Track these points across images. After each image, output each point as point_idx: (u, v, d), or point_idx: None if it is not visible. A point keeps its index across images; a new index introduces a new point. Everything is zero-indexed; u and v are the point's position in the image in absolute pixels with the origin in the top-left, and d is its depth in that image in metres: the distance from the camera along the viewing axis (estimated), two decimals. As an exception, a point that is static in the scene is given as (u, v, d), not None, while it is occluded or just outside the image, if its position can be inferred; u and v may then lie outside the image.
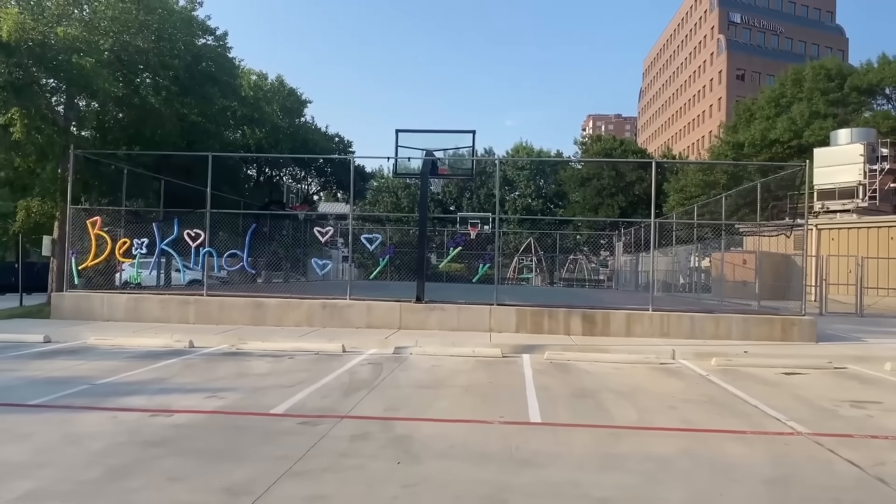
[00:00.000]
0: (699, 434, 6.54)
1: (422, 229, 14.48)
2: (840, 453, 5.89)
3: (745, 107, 50.71)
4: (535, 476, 5.10)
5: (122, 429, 6.19)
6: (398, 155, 15.48)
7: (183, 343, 11.56)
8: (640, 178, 49.40)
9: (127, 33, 15.84)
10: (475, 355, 11.23)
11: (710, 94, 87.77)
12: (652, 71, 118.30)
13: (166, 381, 8.60)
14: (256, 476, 4.92)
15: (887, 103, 45.26)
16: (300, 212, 24.09)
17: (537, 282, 42.61)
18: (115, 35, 15.81)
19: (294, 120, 30.03)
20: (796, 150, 42.29)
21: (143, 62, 16.72)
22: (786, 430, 6.73)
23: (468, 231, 34.75)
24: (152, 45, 16.27)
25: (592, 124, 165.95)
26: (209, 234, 14.47)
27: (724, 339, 13.48)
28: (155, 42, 16.35)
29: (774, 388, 9.15)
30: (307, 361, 10.37)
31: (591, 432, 6.53)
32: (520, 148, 55.36)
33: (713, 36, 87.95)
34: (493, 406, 7.55)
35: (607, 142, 55.41)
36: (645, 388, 8.98)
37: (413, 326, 13.79)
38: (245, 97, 24.08)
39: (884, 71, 43.85)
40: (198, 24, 18.95)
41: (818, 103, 43.28)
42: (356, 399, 7.68)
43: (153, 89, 17.49)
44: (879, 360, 11.57)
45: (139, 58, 16.44)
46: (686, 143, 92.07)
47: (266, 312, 14.11)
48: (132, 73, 16.98)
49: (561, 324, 13.70)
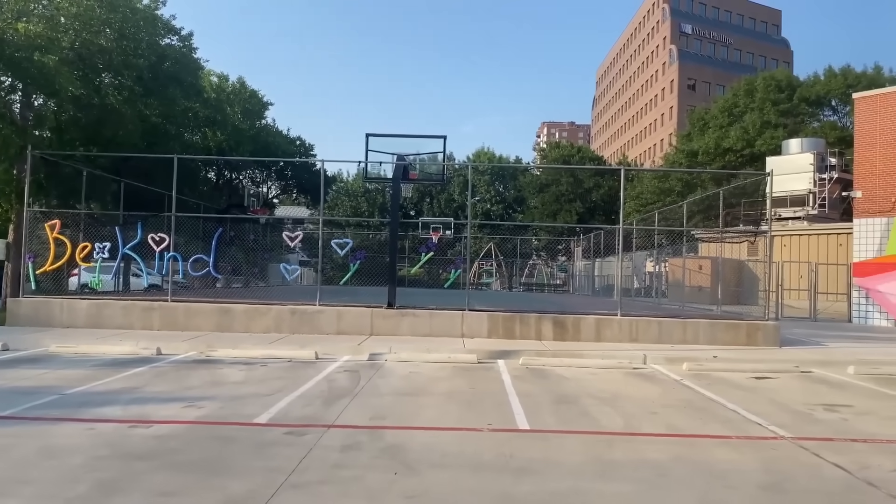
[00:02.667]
0: (687, 439, 6.60)
1: (393, 234, 14.37)
2: (825, 457, 6.00)
3: (699, 116, 51.86)
4: (535, 485, 5.06)
5: (102, 441, 5.94)
6: (368, 159, 15.34)
7: (150, 350, 11.21)
8: (598, 184, 50.10)
9: (89, 31, 15.32)
10: (451, 361, 11.17)
11: (663, 102, 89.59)
12: (605, 79, 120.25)
13: (139, 390, 8.32)
14: (253, 489, 4.76)
15: (833, 114, 46.81)
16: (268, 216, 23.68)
17: (496, 287, 42.78)
18: (76, 32, 15.29)
19: (255, 122, 29.57)
20: (749, 158, 43.43)
21: (105, 61, 16.20)
22: (769, 435, 6.84)
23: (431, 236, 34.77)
24: (115, 44, 15.78)
25: (547, 131, 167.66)
26: (174, 238, 14.10)
27: (692, 344, 13.69)
28: (117, 40, 15.86)
29: (749, 393, 9.31)
30: (281, 369, 10.16)
31: (581, 439, 6.53)
32: (481, 153, 55.61)
33: (665, 46, 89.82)
34: (479, 413, 7.50)
35: (565, 149, 56.05)
36: (624, 393, 9.05)
37: (385, 332, 13.67)
38: (207, 99, 23.59)
39: (830, 83, 45.38)
40: (162, 23, 18.47)
41: (769, 113, 44.53)
42: (339, 408, 7.54)
43: (115, 89, 16.98)
44: (842, 364, 11.90)
45: (101, 56, 15.93)
46: (639, 151, 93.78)
47: (233, 319, 13.80)
48: (93, 72, 16.44)
49: (532, 329, 13.74)
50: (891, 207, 21.61)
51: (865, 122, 22.67)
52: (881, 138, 22.01)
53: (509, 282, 43.85)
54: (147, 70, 17.19)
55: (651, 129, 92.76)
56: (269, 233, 29.16)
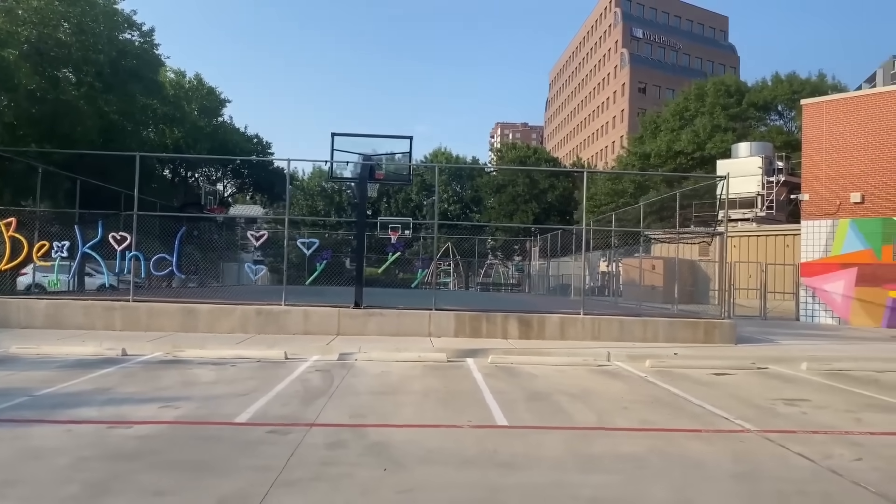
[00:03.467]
0: (660, 433, 6.85)
1: (360, 234, 14.40)
2: (790, 448, 6.31)
3: (651, 119, 53.05)
4: (521, 478, 5.21)
5: (83, 442, 5.88)
6: (334, 159, 15.31)
7: (115, 351, 11.02)
8: (553, 185, 50.82)
9: (47, 25, 14.92)
10: (421, 360, 11.27)
11: (614, 105, 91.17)
12: (558, 81, 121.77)
13: (111, 391, 8.20)
14: (246, 487, 4.80)
15: (780, 119, 48.45)
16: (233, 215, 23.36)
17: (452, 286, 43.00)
18: (33, 26, 14.86)
19: (212, 120, 29.13)
20: (699, 161, 44.63)
21: (63, 56, 15.79)
22: (736, 428, 7.14)
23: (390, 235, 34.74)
24: (74, 38, 15.39)
25: (500, 132, 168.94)
26: (136, 237, 13.86)
27: (652, 342, 14.08)
28: (77, 35, 15.47)
29: (711, 389, 9.66)
30: (252, 369, 10.12)
31: (559, 434, 6.72)
32: (439, 153, 55.79)
33: (617, 50, 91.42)
34: (457, 411, 7.63)
35: (521, 150, 56.69)
36: (594, 389, 9.29)
37: (352, 332, 13.69)
38: (166, 96, 23.18)
39: (776, 89, 46.96)
40: (122, 17, 18.07)
41: (719, 117, 45.83)
42: (317, 407, 7.58)
43: (74, 85, 16.55)
44: (795, 361, 12.40)
45: (59, 51, 15.53)
46: (592, 152, 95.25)
47: (198, 319, 13.64)
48: (52, 66, 16.01)
49: (498, 328, 13.95)
50: (836, 210, 22.51)
51: (812, 127, 23.56)
52: (827, 143, 22.91)
53: (466, 281, 44.13)
54: (107, 66, 16.82)
55: (603, 131, 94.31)
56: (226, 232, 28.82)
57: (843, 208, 22.38)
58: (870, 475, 5.47)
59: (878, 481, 5.30)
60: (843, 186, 22.41)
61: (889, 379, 11.18)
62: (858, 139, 22.18)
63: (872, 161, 21.86)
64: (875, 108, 21.97)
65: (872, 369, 12.07)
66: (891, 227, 21.09)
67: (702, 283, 29.63)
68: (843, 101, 23.34)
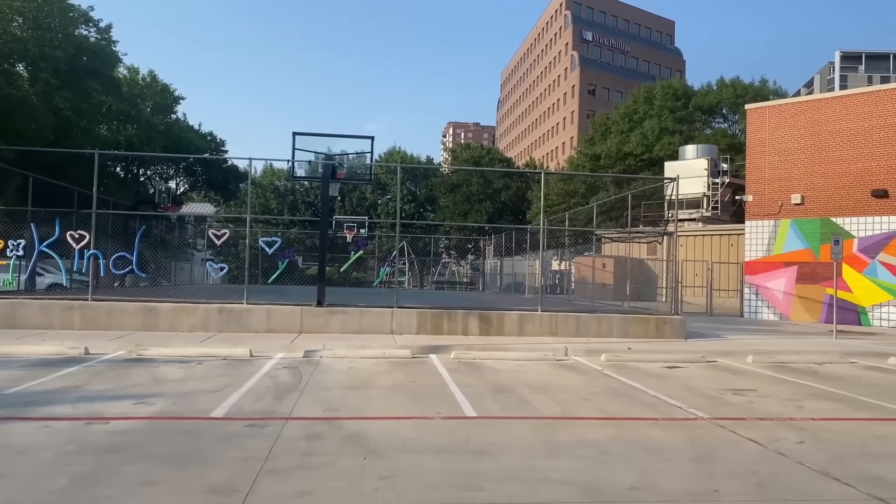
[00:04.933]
0: (620, 422, 7.25)
1: (323, 233, 14.54)
2: (741, 433, 6.77)
3: (602, 121, 54.15)
4: (495, 464, 5.51)
5: (63, 438, 5.95)
6: (295, 158, 15.40)
7: (78, 350, 10.95)
8: (506, 185, 51.45)
9: (2, 19, 14.57)
10: (386, 357, 11.52)
11: (565, 106, 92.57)
12: (510, 82, 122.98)
13: (80, 388, 8.23)
14: (232, 476, 4.98)
15: (724, 122, 50.05)
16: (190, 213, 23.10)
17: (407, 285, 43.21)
18: (-13, 21, 14.53)
19: (166, 117, 28.71)
20: (648, 162, 45.78)
21: (19, 51, 15.43)
22: (690, 416, 7.60)
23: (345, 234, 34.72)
24: (30, 34, 15.07)
25: (452, 131, 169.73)
26: (94, 235, 13.72)
27: (607, 337, 14.60)
28: (33, 30, 15.16)
29: (664, 381, 10.15)
30: (219, 366, 10.21)
31: (525, 424, 7.06)
32: (393, 153, 55.91)
33: (567, 52, 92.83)
34: (426, 403, 7.91)
35: (475, 150, 57.25)
36: (554, 382, 9.69)
37: (314, 330, 13.82)
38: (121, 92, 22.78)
39: (721, 93, 48.52)
40: (79, 13, 17.74)
41: (667, 120, 47.11)
42: (290, 402, 7.76)
43: (29, 80, 16.19)
44: (741, 354, 13.06)
45: (14, 46, 15.17)
46: (543, 152, 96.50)
47: (159, 317, 13.59)
48: (5, 61, 15.62)
49: (459, 325, 14.27)
50: (778, 211, 23.54)
51: (756, 131, 24.56)
52: (770, 147, 23.93)
53: (420, 280, 44.40)
54: (64, 62, 16.49)
55: (554, 131, 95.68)
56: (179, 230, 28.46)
57: (785, 209, 23.41)
58: (812, 456, 5.95)
59: (820, 461, 5.78)
60: (785, 188, 23.45)
61: (827, 370, 11.89)
62: (799, 143, 23.24)
63: (812, 164, 22.93)
64: (814, 114, 23.05)
65: (812, 361, 12.80)
66: (828, 227, 22.16)
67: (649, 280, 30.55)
68: (786, 107, 24.41)
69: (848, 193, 22.11)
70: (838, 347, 14.64)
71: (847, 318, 20.92)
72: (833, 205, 22.41)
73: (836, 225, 22.10)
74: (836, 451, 6.20)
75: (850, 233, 21.75)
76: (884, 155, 21.45)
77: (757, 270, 24.17)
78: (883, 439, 6.85)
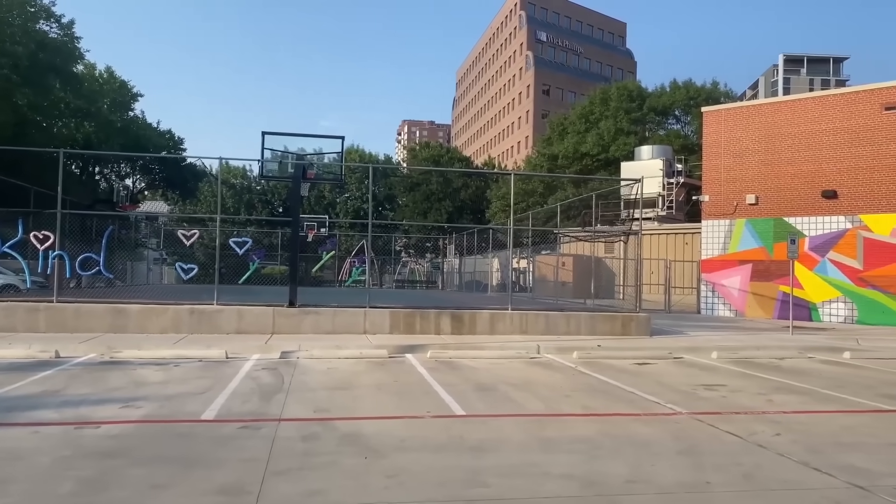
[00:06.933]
0: (604, 418, 7.49)
1: (294, 232, 14.49)
2: (720, 427, 7.07)
3: (559, 121, 54.87)
4: (495, 460, 5.67)
5: (56, 442, 5.89)
6: (264, 157, 15.29)
7: (48, 353, 10.72)
8: (465, 184, 51.73)
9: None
10: (363, 357, 11.57)
11: (520, 106, 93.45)
12: (465, 81, 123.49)
13: (61, 393, 8.10)
14: (241, 477, 5.02)
15: (677, 123, 51.25)
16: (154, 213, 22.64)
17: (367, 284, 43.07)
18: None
19: (124, 114, 28.06)
20: (604, 162, 46.62)
21: (-23, 47, 14.95)
22: (669, 412, 7.88)
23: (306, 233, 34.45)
24: (-13, 30, 14.61)
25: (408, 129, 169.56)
26: (59, 236, 13.42)
27: (575, 335, 14.91)
28: (-9, 25, 14.70)
29: (637, 377, 10.46)
30: (197, 369, 10.13)
31: (514, 421, 7.24)
32: (351, 151, 55.63)
33: (522, 52, 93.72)
34: (413, 402, 8.03)
35: (435, 149, 57.36)
36: (533, 380, 9.91)
37: (287, 331, 13.77)
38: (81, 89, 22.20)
39: (674, 95, 49.68)
40: (41, 8, 17.22)
41: (622, 121, 48.03)
42: (278, 403, 7.78)
43: (-13, 77, 15.69)
44: (706, 350, 13.50)
45: (-28, 42, 14.71)
46: (499, 151, 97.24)
47: (128, 319, 13.36)
48: (-40, 56, 15.12)
49: (432, 324, 14.40)
50: (733, 211, 24.28)
51: (712, 133, 25.28)
52: (725, 148, 24.67)
53: (380, 279, 44.38)
54: (26, 58, 16.01)
55: (509, 130, 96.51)
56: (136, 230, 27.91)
57: (740, 209, 24.17)
58: (790, 448, 6.26)
59: (798, 453, 6.08)
60: (740, 189, 24.21)
61: (789, 365, 12.40)
62: (753, 145, 24.02)
63: (765, 165, 23.73)
64: (768, 117, 23.86)
65: (773, 356, 13.33)
66: (781, 226, 22.98)
67: (607, 278, 31.13)
68: (740, 110, 25.19)
69: (800, 194, 22.96)
70: (796, 343, 15.24)
71: (799, 314, 21.70)
72: (786, 205, 23.24)
73: (788, 224, 22.93)
74: (810, 442, 6.53)
75: (802, 232, 22.59)
76: (833, 157, 22.34)
77: (713, 268, 24.90)
78: (851, 430, 7.23)
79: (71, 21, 18.64)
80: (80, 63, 26.48)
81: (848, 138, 22.07)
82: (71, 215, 17.60)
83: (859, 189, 21.81)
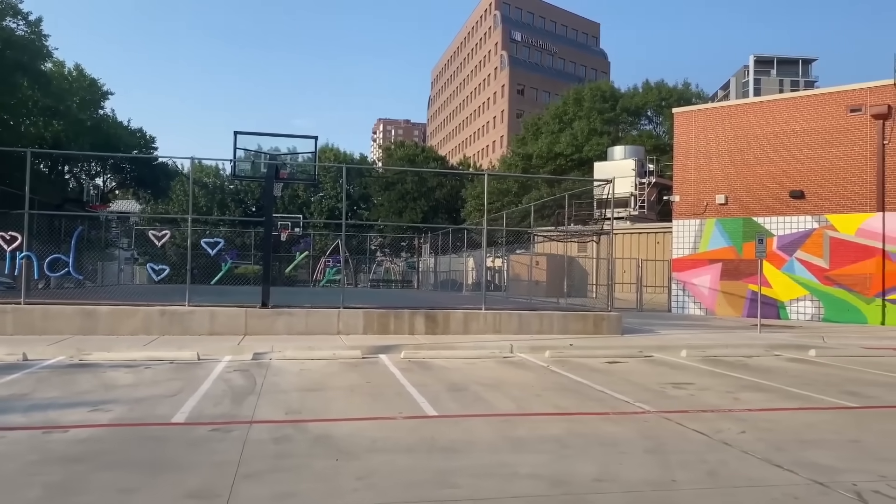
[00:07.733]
0: (573, 417, 7.59)
1: (267, 232, 14.43)
2: (687, 425, 7.20)
3: (533, 121, 55.14)
4: (466, 461, 5.72)
5: (23, 448, 5.83)
6: (237, 157, 15.21)
7: (15, 356, 10.57)
8: (441, 183, 51.78)
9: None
10: (336, 358, 11.57)
11: (495, 105, 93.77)
12: (440, 80, 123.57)
13: (28, 396, 8.00)
14: (210, 480, 5.02)
15: (650, 123, 51.78)
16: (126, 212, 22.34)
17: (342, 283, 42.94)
18: None
19: (94, 112, 27.64)
20: (577, 162, 46.95)
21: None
22: (638, 410, 8.00)
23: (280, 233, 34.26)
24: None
25: (383, 128, 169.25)
26: (27, 236, 13.23)
27: (548, 334, 15.04)
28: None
29: (608, 376, 10.60)
30: (168, 371, 10.07)
31: (485, 421, 7.30)
32: (326, 150, 55.36)
33: (497, 52, 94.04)
34: (385, 403, 8.06)
35: (410, 148, 57.32)
36: (505, 379, 9.99)
37: (260, 332, 13.71)
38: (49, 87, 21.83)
39: (647, 96, 50.19)
40: (7, 5, 16.90)
41: (596, 121, 48.42)
42: (250, 405, 7.76)
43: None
44: (675, 349, 13.71)
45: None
46: (474, 150, 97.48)
47: (98, 321, 13.21)
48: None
49: (406, 324, 14.43)
50: (703, 211, 24.63)
51: (683, 134, 25.61)
52: (696, 149, 25.01)
53: (355, 278, 44.26)
54: (-8, 56, 15.77)
55: (484, 130, 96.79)
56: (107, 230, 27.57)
57: (710, 209, 24.53)
58: (754, 445, 6.41)
59: (762, 450, 6.22)
60: (710, 189, 24.57)
61: (756, 363, 12.63)
62: (723, 146, 24.39)
63: (735, 166, 24.10)
64: (738, 119, 24.24)
65: (741, 355, 13.56)
66: (750, 226, 23.37)
67: (580, 277, 31.40)
68: (711, 111, 25.56)
69: (768, 194, 23.36)
70: (763, 341, 15.52)
71: (768, 313, 22.05)
72: (755, 205, 23.63)
73: (757, 224, 23.32)
74: (774, 439, 6.68)
75: (770, 231, 22.98)
76: (801, 158, 22.77)
77: (684, 267, 25.23)
78: (813, 427, 7.40)
79: (38, 18, 18.38)
80: (49, 61, 26.07)
81: (815, 139, 22.51)
82: (39, 215, 17.40)
83: (826, 189, 22.26)
